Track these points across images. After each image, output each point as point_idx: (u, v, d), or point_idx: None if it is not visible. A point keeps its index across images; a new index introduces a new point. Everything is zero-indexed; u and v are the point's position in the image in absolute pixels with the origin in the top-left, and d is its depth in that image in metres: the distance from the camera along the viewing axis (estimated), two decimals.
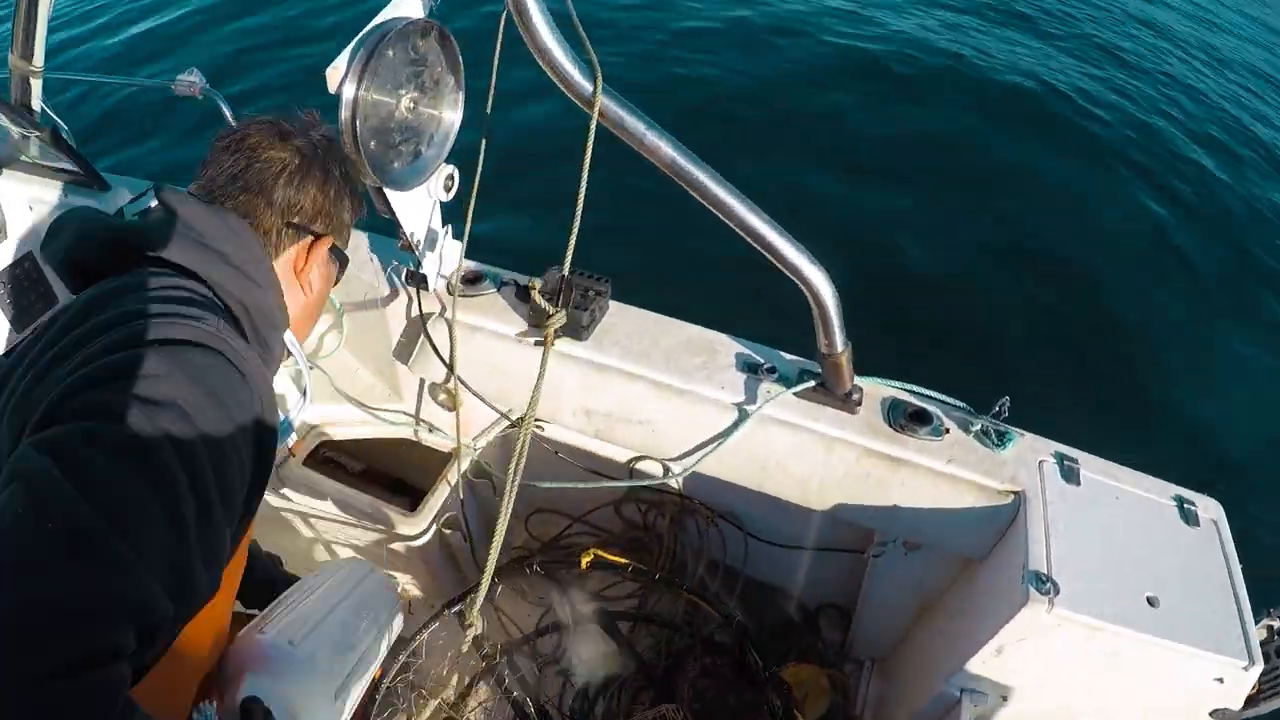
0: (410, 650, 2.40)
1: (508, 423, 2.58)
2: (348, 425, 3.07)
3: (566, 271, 2.14)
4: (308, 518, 3.09)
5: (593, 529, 3.39)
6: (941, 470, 2.14)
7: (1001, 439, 2.17)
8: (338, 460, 3.20)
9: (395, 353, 2.85)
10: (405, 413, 3.01)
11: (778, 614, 3.15)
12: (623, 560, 2.45)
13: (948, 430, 2.22)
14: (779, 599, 3.21)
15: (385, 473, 3.15)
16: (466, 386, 2.59)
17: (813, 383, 2.26)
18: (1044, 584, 1.83)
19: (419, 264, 2.37)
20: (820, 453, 2.23)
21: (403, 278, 2.65)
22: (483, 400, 2.62)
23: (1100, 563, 1.88)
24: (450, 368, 2.50)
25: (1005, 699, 2.09)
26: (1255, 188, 7.12)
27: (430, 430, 3.00)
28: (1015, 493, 2.08)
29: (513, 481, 2.07)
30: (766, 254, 2.02)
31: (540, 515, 3.47)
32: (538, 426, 2.97)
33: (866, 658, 3.06)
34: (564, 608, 2.86)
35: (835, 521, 2.34)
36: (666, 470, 2.89)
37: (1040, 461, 2.12)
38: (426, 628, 2.43)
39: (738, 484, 2.37)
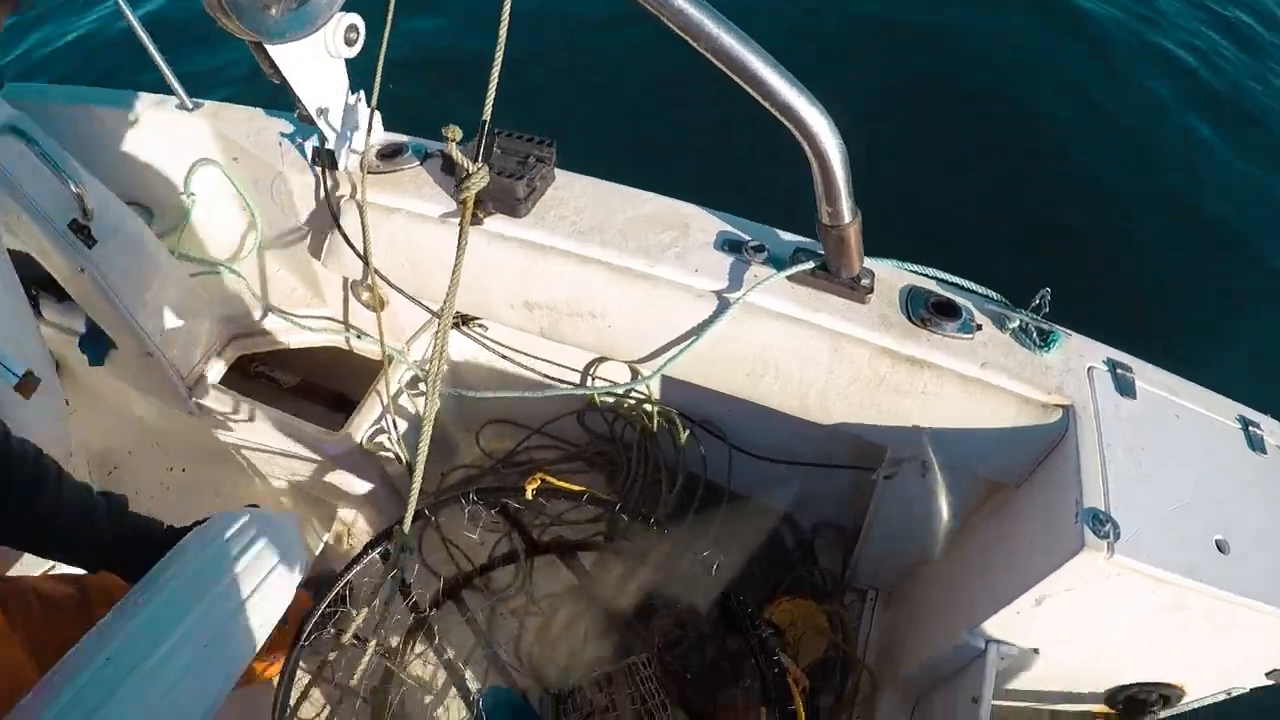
0: (332, 597, 2.01)
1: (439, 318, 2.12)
2: (272, 336, 2.70)
3: (487, 113, 1.66)
4: (232, 445, 2.74)
5: (553, 441, 2.97)
6: (973, 376, 1.81)
7: (1045, 339, 1.84)
8: (271, 375, 2.83)
9: (309, 248, 2.41)
10: (331, 318, 2.63)
11: (767, 536, 2.74)
12: (577, 488, 2.02)
13: (979, 326, 1.88)
14: (768, 519, 2.81)
15: (322, 387, 2.76)
16: (387, 281, 2.16)
17: (811, 264, 1.90)
18: (1103, 525, 1.54)
19: (323, 138, 2.06)
20: (822, 351, 1.89)
21: (309, 158, 2.23)
22: (407, 296, 2.19)
23: (1163, 498, 1.61)
24: (365, 260, 2.10)
25: (1037, 652, 1.86)
26: None
27: (359, 336, 2.56)
28: (1063, 407, 1.76)
29: (433, 388, 1.71)
30: (748, 88, 1.50)
31: (494, 427, 3.07)
32: (480, 326, 2.51)
33: (870, 587, 2.69)
34: (515, 538, 2.46)
35: (839, 435, 2.05)
36: (634, 374, 2.45)
37: (1090, 369, 1.82)
38: (350, 570, 2.03)
39: (718, 390, 2.05)
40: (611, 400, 2.77)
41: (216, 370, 2.64)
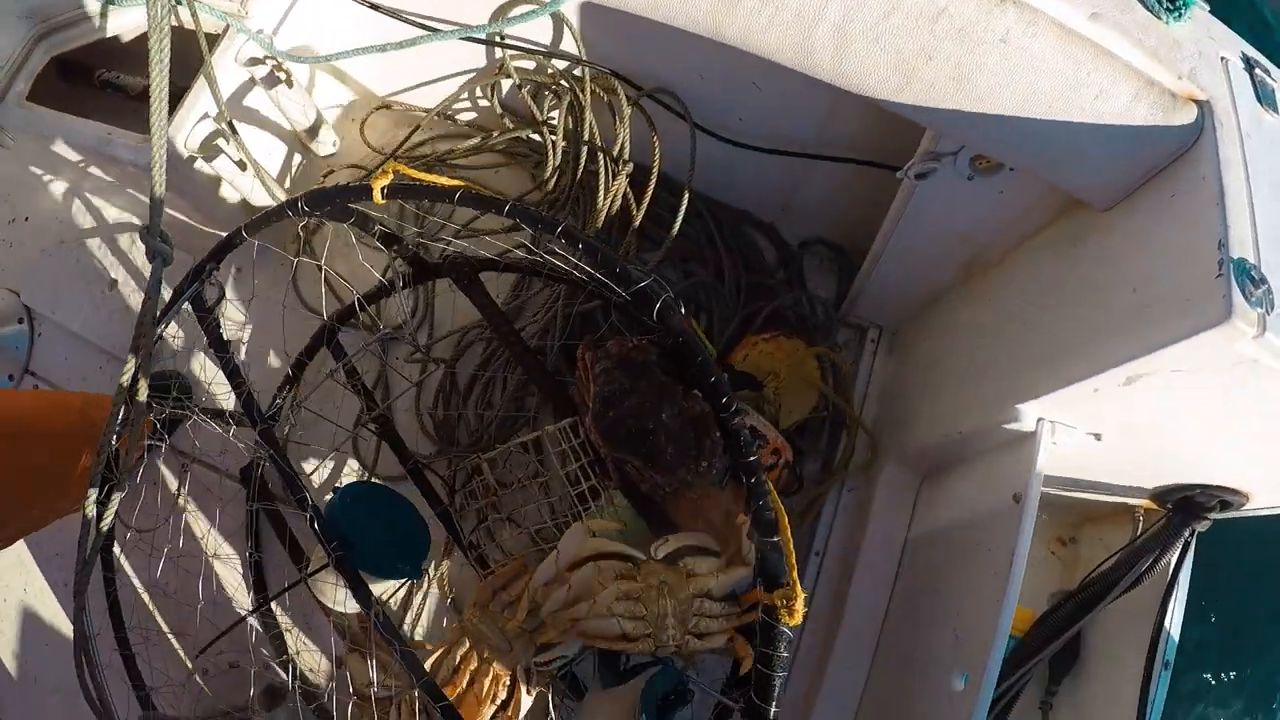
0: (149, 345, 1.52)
1: None
2: (90, 23, 2.10)
3: None
4: (57, 178, 2.26)
5: (457, 126, 2.35)
6: (1078, 30, 1.29)
7: (1175, 3, 1.40)
8: (118, 83, 2.31)
9: None
10: None
11: (742, 253, 2.17)
12: (450, 182, 1.39)
13: None
14: (743, 230, 2.23)
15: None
16: None
17: None
18: (1255, 286, 1.12)
19: None
20: None
21: None
22: None
23: None
24: None
25: (1099, 438, 1.51)
26: None
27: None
28: (1197, 103, 1.31)
29: None
30: None
31: (385, 114, 2.43)
32: None
33: (871, 324, 2.16)
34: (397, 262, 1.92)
35: (852, 110, 1.67)
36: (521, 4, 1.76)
37: (1223, 59, 1.39)
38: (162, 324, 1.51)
39: (674, 27, 1.45)
40: (530, 66, 2.06)
41: (23, 84, 2.09)
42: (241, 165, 1.98)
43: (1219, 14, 1.47)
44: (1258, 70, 1.42)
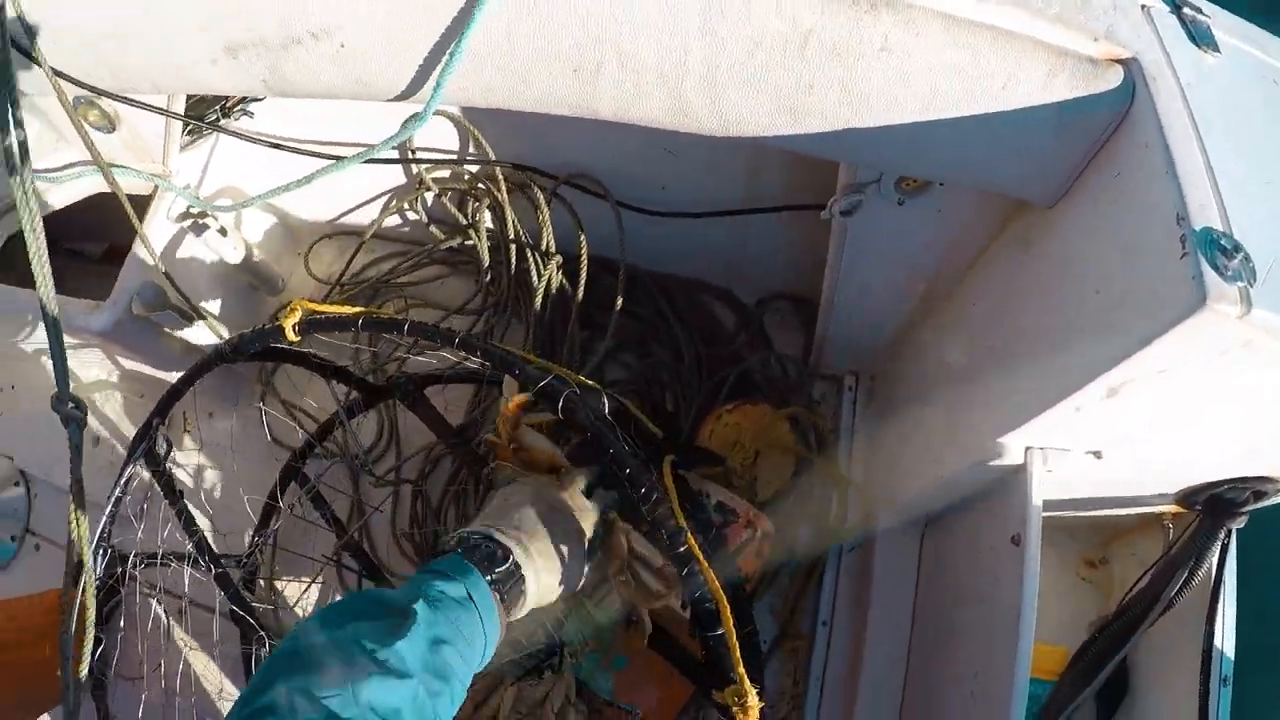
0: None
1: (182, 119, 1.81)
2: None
3: None
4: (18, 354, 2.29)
5: (396, 245, 2.29)
6: (965, 16, 1.13)
7: None
8: (75, 250, 2.45)
9: None
10: (79, 162, 1.91)
11: (699, 324, 2.03)
12: (344, 309, 1.28)
13: None
14: (698, 300, 2.09)
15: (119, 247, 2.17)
16: (77, 83, 1.54)
17: None
18: (1229, 257, 0.95)
19: None
20: (694, 5, 1.15)
21: None
22: (113, 97, 1.64)
23: None
24: (29, 56, 1.45)
25: (1098, 456, 1.34)
26: None
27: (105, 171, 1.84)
28: (1120, 63, 1.16)
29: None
30: None
31: (326, 244, 2.40)
32: (244, 113, 1.87)
33: (846, 372, 1.99)
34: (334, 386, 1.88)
35: (762, 156, 1.59)
36: (414, 120, 1.66)
37: (1144, 7, 1.25)
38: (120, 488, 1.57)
39: (551, 113, 1.35)
40: (446, 174, 1.97)
41: None
42: (186, 315, 1.95)
43: None
44: (1185, 9, 1.27)
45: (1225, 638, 1.48)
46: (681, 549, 0.96)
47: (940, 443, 1.54)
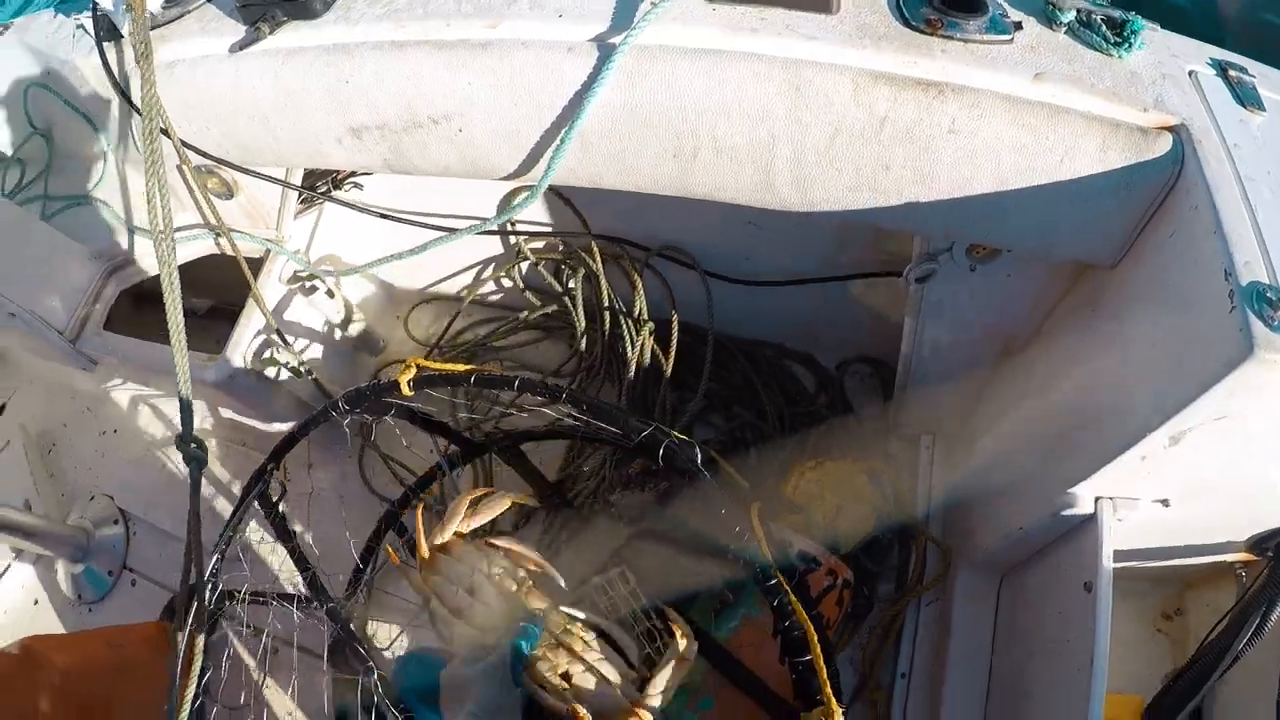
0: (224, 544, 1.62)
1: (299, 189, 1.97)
2: (146, 259, 2.28)
3: None
4: (138, 395, 2.42)
5: (492, 310, 2.42)
6: (1025, 96, 1.24)
7: (1121, 33, 1.30)
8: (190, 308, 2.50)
9: (111, 143, 2.01)
10: (195, 224, 2.11)
11: (781, 386, 2.13)
12: (456, 367, 1.42)
13: (1018, 25, 1.32)
14: (781, 364, 2.20)
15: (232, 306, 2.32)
16: (202, 154, 1.72)
17: None
18: (1275, 307, 1.01)
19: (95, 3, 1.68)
20: (773, 96, 1.29)
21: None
22: (234, 167, 1.77)
23: None
24: (166, 134, 1.64)
25: (1166, 504, 1.37)
26: None
27: (221, 236, 2.07)
28: (1170, 130, 1.23)
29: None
30: None
31: (426, 308, 2.57)
32: (354, 185, 1.98)
33: (923, 433, 2.06)
34: (437, 442, 1.96)
35: (846, 230, 1.68)
36: (517, 195, 1.85)
37: (1191, 73, 1.33)
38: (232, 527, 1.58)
39: (649, 192, 1.50)
40: (542, 245, 2.15)
41: (99, 314, 2.24)
42: (296, 372, 2.10)
43: (1172, 26, 1.38)
44: (1231, 71, 1.34)
45: None
46: (771, 582, 1.06)
47: (1014, 495, 1.58)
